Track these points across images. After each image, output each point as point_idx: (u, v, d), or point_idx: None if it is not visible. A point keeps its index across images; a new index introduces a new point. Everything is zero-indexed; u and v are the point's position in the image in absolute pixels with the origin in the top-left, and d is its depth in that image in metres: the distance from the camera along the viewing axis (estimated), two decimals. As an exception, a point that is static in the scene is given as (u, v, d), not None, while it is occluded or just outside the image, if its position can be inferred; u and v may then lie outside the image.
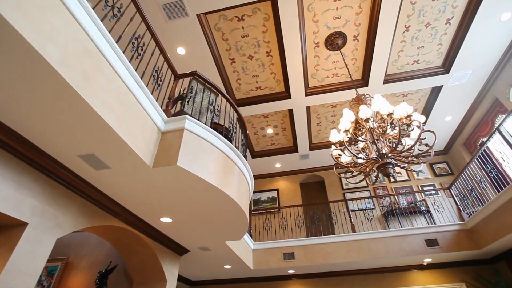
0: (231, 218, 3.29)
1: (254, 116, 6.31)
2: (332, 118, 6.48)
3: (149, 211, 3.19)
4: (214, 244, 4.28)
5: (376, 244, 5.56)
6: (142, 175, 2.47)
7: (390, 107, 2.60)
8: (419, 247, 5.40)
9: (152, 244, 3.77)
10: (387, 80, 5.49)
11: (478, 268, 5.93)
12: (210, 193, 2.74)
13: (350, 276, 6.34)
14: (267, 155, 7.51)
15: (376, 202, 7.27)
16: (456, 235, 5.46)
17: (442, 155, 7.71)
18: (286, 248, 5.82)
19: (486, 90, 5.73)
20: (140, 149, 2.19)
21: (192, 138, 2.54)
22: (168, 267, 4.07)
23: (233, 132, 3.48)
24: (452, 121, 6.64)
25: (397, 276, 6.20)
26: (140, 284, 4.02)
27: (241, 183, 3.14)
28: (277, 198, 7.92)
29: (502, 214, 4.57)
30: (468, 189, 5.77)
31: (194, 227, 3.60)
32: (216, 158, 2.74)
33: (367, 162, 2.69)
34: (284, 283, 6.55)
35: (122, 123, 2.00)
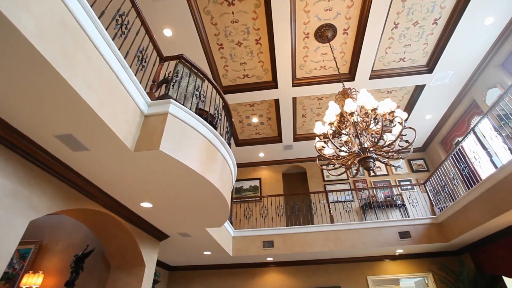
0: (213, 205, 3.29)
1: (240, 104, 6.26)
2: (318, 111, 6.53)
3: (129, 195, 3.14)
4: (194, 231, 4.28)
5: (352, 235, 5.76)
6: (123, 159, 2.41)
7: (374, 102, 2.65)
8: (393, 239, 5.65)
9: (131, 229, 3.72)
10: (373, 75, 5.57)
11: (444, 259, 6.30)
12: (192, 180, 2.71)
13: (326, 265, 6.57)
14: (251, 144, 7.52)
15: (355, 195, 7.49)
16: (427, 228, 5.75)
17: (420, 152, 8.00)
18: (265, 237, 5.92)
19: (465, 91, 5.94)
20: (121, 131, 2.12)
21: (176, 123, 2.49)
22: (147, 252, 4.05)
23: (218, 119, 3.44)
24: (431, 119, 6.87)
25: (370, 265, 6.49)
26: (117, 268, 3.99)
27: (224, 170, 3.13)
28: (259, 187, 7.99)
29: (470, 210, 4.84)
30: (442, 186, 6.05)
31: (175, 213, 3.57)
32: (200, 145, 2.71)
33: (349, 155, 2.75)
34: (262, 270, 6.70)
35: (103, 104, 1.92)
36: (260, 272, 6.68)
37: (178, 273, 6.87)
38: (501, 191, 4.11)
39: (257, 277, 6.62)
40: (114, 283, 3.87)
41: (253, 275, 6.65)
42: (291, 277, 6.53)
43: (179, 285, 6.72)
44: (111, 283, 3.88)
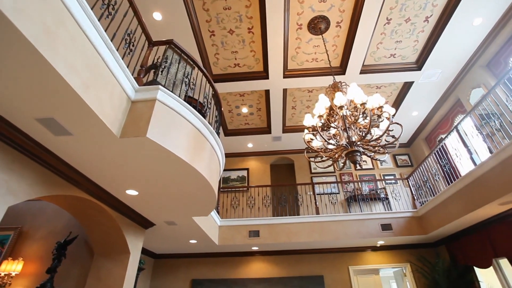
0: (200, 195, 3.28)
1: (230, 94, 6.20)
2: (308, 103, 6.55)
3: (114, 182, 3.08)
4: (180, 219, 4.27)
5: (337, 226, 5.90)
6: (108, 145, 2.35)
7: (364, 97, 2.66)
8: (375, 231, 5.82)
9: (116, 216, 3.67)
10: (364, 70, 5.60)
11: (422, 251, 6.56)
12: (179, 168, 2.68)
13: (310, 255, 6.72)
14: (240, 134, 7.49)
15: (340, 187, 7.64)
16: (408, 221, 5.95)
17: (405, 147, 8.20)
18: (252, 226, 5.98)
19: (451, 90, 6.08)
20: (107, 117, 2.05)
21: (164, 110, 2.43)
22: (132, 239, 4.02)
23: (208, 108, 3.40)
24: (417, 116, 7.02)
25: (352, 255, 6.69)
26: (101, 255, 3.94)
27: (212, 160, 3.11)
28: (247, 177, 8.01)
29: (448, 205, 5.03)
30: (424, 181, 6.24)
31: (161, 201, 3.54)
32: (188, 133, 2.67)
33: (336, 148, 2.78)
34: (247, 259, 6.79)
35: (87, 87, 1.85)
36: (245, 261, 6.77)
37: (163, 261, 6.88)
38: (478, 187, 4.28)
39: (242, 265, 6.72)
40: (98, 270, 3.84)
41: (238, 264, 6.73)
42: (275, 266, 6.66)
43: (164, 273, 6.74)
44: (95, 270, 3.85)
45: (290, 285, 6.38)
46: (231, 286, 6.46)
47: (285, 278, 6.48)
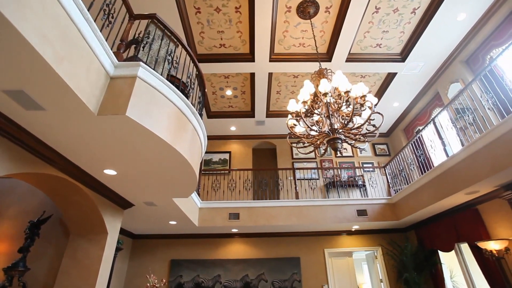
0: (180, 176, 3.25)
1: (214, 75, 6.06)
2: (293, 88, 6.53)
3: (92, 161, 2.98)
4: (160, 200, 4.24)
5: (315, 211, 6.08)
6: (85, 122, 2.24)
7: (348, 85, 2.68)
8: (351, 216, 6.06)
9: (93, 196, 3.58)
10: (350, 58, 5.62)
11: (393, 235, 6.94)
12: (160, 149, 2.62)
13: (288, 237, 6.93)
14: (223, 116, 7.41)
15: (320, 173, 7.82)
16: (383, 207, 6.23)
17: (384, 137, 8.45)
18: (232, 209, 6.04)
19: (431, 83, 6.25)
20: (83, 92, 1.95)
21: (145, 88, 2.34)
22: (109, 220, 3.95)
23: (191, 88, 3.31)
24: (398, 107, 7.21)
25: (328, 239, 6.96)
26: (78, 235, 3.87)
27: (194, 142, 3.07)
28: (229, 160, 8.01)
29: (420, 193, 5.30)
30: (399, 170, 6.51)
31: (141, 182, 3.48)
32: (170, 113, 2.60)
33: (319, 135, 2.81)
34: (227, 240, 6.91)
35: (61, 59, 1.73)
36: (225, 242, 6.89)
37: (142, 241, 6.86)
38: (448, 177, 4.52)
39: (221, 246, 6.84)
40: (74, 250, 3.77)
41: (218, 245, 6.84)
42: (254, 248, 6.83)
43: (143, 253, 6.74)
44: (71, 250, 3.78)
45: (268, 266, 6.59)
46: (210, 266, 6.58)
47: (262, 259, 6.67)
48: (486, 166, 3.76)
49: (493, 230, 4.51)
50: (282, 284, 6.41)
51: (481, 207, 4.71)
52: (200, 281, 6.42)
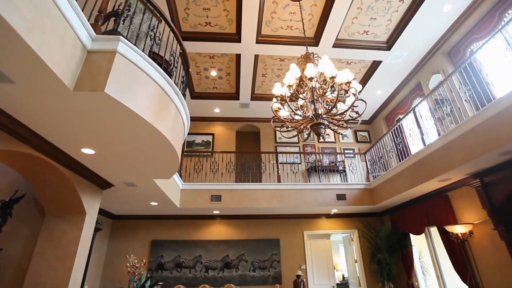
0: (162, 157, 3.19)
1: (199, 54, 5.87)
2: (279, 72, 6.47)
3: (68, 140, 2.85)
4: (141, 181, 4.17)
5: (296, 194, 6.22)
6: (60, 98, 2.12)
7: (334, 70, 2.68)
8: (331, 200, 6.25)
9: (70, 176, 3.46)
10: (337, 44, 5.60)
11: (369, 219, 7.25)
12: (141, 128, 2.55)
13: (269, 220, 7.09)
14: (207, 98, 7.27)
15: (303, 158, 7.94)
16: (361, 192, 6.45)
17: (366, 124, 8.63)
18: (214, 191, 6.07)
19: (414, 73, 6.38)
20: (57, 65, 1.83)
21: (125, 65, 2.24)
22: (88, 200, 3.86)
23: (174, 67, 3.19)
24: (381, 95, 7.33)
25: (308, 221, 7.18)
26: (54, 216, 3.76)
27: (177, 122, 3.00)
28: (212, 142, 7.95)
29: (396, 180, 5.52)
30: (379, 157, 6.72)
31: (121, 162, 3.40)
32: (152, 92, 2.51)
33: (302, 120, 2.82)
34: (208, 222, 6.97)
35: (31, 28, 1.60)
36: (206, 224, 6.95)
37: (122, 222, 6.80)
38: (424, 165, 4.72)
39: (202, 228, 6.90)
40: (50, 230, 3.68)
41: (199, 226, 6.90)
42: (235, 229, 6.95)
43: (123, 234, 6.70)
44: (46, 231, 3.68)
45: (248, 247, 6.76)
46: (191, 247, 6.66)
47: (243, 241, 6.82)
48: (459, 156, 3.95)
49: (460, 215, 4.80)
50: (262, 264, 6.62)
51: (451, 193, 4.99)
52: (181, 261, 6.50)
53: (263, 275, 6.52)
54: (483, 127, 3.57)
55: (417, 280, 6.04)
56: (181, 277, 6.36)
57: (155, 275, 6.27)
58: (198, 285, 6.18)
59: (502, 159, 3.74)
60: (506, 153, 3.51)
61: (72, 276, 3.46)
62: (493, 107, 3.42)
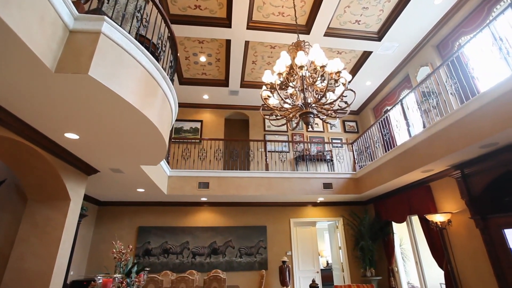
0: (149, 143, 3.14)
1: (188, 39, 5.72)
2: (269, 59, 6.40)
3: (51, 124, 2.75)
4: (127, 167, 4.11)
5: (283, 183, 6.28)
6: (41, 80, 2.03)
7: (325, 59, 2.66)
8: (317, 188, 6.35)
9: (53, 161, 3.36)
10: (328, 33, 5.56)
11: (354, 207, 7.44)
12: (127, 114, 2.48)
13: (256, 207, 7.17)
14: (196, 84, 7.14)
15: (291, 147, 7.99)
16: (347, 182, 6.58)
17: (354, 115, 8.73)
18: (202, 178, 6.05)
19: (403, 65, 6.43)
20: (36, 44, 1.74)
21: (111, 47, 2.15)
22: (72, 186, 3.78)
23: (162, 51, 3.10)
24: (370, 86, 7.39)
25: (294, 209, 7.31)
26: (36, 201, 3.66)
27: (164, 108, 2.94)
28: (200, 129, 7.88)
29: (382, 170, 5.65)
30: (366, 147, 6.83)
31: (106, 147, 3.32)
32: (139, 76, 2.43)
33: (292, 108, 2.82)
34: (196, 209, 6.99)
35: (6, 3, 1.51)
36: (194, 210, 6.97)
37: (108, 208, 6.73)
38: (408, 156, 4.84)
39: (190, 214, 6.92)
40: (33, 216, 3.59)
41: (186, 213, 6.92)
42: (222, 216, 7.00)
43: (109, 220, 6.64)
44: (29, 216, 3.59)
45: (235, 234, 6.84)
46: (178, 233, 6.68)
47: (230, 227, 6.89)
48: (442, 147, 4.06)
49: (440, 204, 4.99)
50: (249, 251, 6.73)
51: (433, 184, 5.15)
52: (168, 247, 6.53)
53: (249, 261, 6.65)
54: (466, 120, 3.67)
55: (397, 265, 6.31)
56: (168, 263, 6.41)
57: (142, 261, 6.29)
58: (185, 270, 6.25)
59: (482, 152, 3.88)
60: (486, 146, 3.63)
61: (57, 262, 3.42)
62: (476, 101, 3.51)
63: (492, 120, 3.31)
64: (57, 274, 3.44)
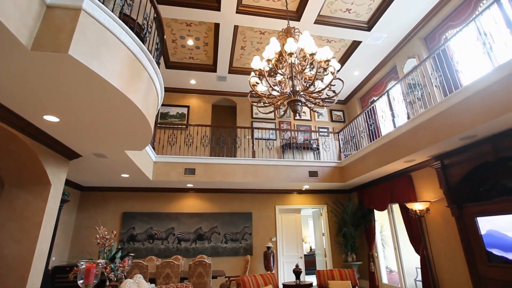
0: (134, 128, 3.06)
1: (175, 21, 5.52)
2: (258, 45, 6.30)
3: (28, 106, 2.62)
4: (111, 152, 4.01)
5: (270, 170, 6.33)
6: (16, 58, 1.91)
7: (314, 47, 2.64)
8: (303, 176, 6.44)
9: (32, 145, 3.23)
10: (319, 20, 5.50)
11: (338, 195, 7.62)
12: (111, 96, 2.39)
13: (242, 194, 7.22)
14: (183, 68, 6.96)
15: (278, 134, 8.02)
16: (332, 170, 6.70)
17: (341, 104, 8.80)
18: (188, 164, 6.00)
19: (391, 56, 6.49)
20: (9, 19, 1.62)
21: (92, 25, 2.04)
22: (53, 170, 3.66)
23: (147, 32, 2.98)
24: (358, 76, 7.44)
25: (280, 197, 7.41)
26: (14, 186, 3.53)
27: (150, 92, 2.86)
28: (187, 115, 7.76)
29: (366, 159, 5.77)
30: (351, 136, 6.94)
31: (88, 131, 3.21)
32: (123, 57, 2.34)
33: (280, 96, 2.80)
34: (182, 195, 6.96)
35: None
36: (179, 197, 6.95)
37: (91, 194, 6.60)
38: (392, 146, 4.96)
39: (175, 200, 6.90)
40: (10, 201, 3.47)
41: (172, 199, 6.89)
42: (208, 203, 7.02)
43: (92, 206, 6.53)
44: (6, 202, 3.47)
45: (221, 220, 6.89)
46: (163, 219, 6.67)
47: (216, 214, 6.93)
48: (425, 138, 4.18)
49: (420, 193, 5.18)
50: (234, 237, 6.82)
51: (414, 174, 5.33)
52: (153, 233, 6.52)
53: (234, 247, 6.74)
54: (448, 113, 3.77)
55: (377, 251, 6.57)
56: (153, 248, 6.41)
57: (127, 247, 6.26)
58: (170, 256, 6.28)
59: (461, 144, 4.02)
60: (465, 138, 3.76)
61: (38, 248, 3.35)
62: (458, 95, 3.60)
63: (472, 114, 3.42)
64: (38, 260, 3.38)
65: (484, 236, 3.87)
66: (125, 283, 2.67)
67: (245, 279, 4.30)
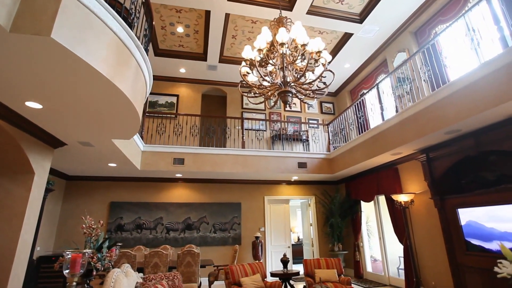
0: (121, 116, 2.99)
1: (164, 6, 5.36)
2: (249, 35, 6.21)
3: (8, 91, 2.51)
4: (98, 141, 3.92)
5: (259, 161, 6.34)
6: (-6, 40, 1.82)
7: (306, 38, 2.61)
8: (292, 167, 6.49)
9: (13, 132, 3.12)
10: (311, 11, 5.45)
11: (326, 187, 7.74)
12: (96, 83, 2.32)
13: (232, 184, 7.23)
14: (172, 56, 6.81)
15: (268, 125, 8.02)
16: (321, 162, 6.78)
17: (331, 96, 8.84)
18: (177, 154, 5.95)
19: (382, 49, 6.52)
20: (-13, -1, 1.54)
21: (76, 8, 1.95)
22: (36, 159, 3.55)
23: (135, 17, 2.88)
24: (348, 69, 7.46)
25: (269, 187, 7.46)
26: (-5, 173, 3.43)
27: (138, 79, 2.78)
28: (176, 104, 7.64)
29: (354, 151, 5.86)
30: (341, 128, 7.01)
31: (74, 119, 3.12)
32: (110, 43, 2.26)
33: (270, 86, 2.78)
34: (170, 184, 6.92)
35: None
36: (168, 186, 6.90)
37: (77, 183, 6.47)
38: (380, 139, 5.04)
39: (164, 190, 6.85)
40: (-8, 189, 3.37)
41: (161, 189, 6.84)
42: (197, 193, 7.01)
43: (78, 195, 6.41)
44: (-14, 189, 3.37)
45: (210, 210, 6.91)
46: (152, 209, 6.63)
47: (205, 204, 6.94)
48: (412, 132, 4.26)
49: (406, 185, 5.32)
50: (223, 226, 6.86)
51: (400, 166, 5.45)
52: (141, 223, 6.49)
53: (223, 236, 6.79)
54: (435, 107, 3.84)
55: (362, 241, 6.75)
56: (141, 238, 6.39)
57: (114, 237, 6.21)
58: (159, 245, 6.27)
59: (446, 137, 4.12)
60: (450, 132, 3.85)
61: (21, 238, 3.28)
62: (445, 89, 3.67)
63: (457, 108, 3.50)
64: (22, 250, 3.31)
65: (464, 226, 4.03)
66: (112, 273, 2.65)
67: (233, 268, 4.35)
